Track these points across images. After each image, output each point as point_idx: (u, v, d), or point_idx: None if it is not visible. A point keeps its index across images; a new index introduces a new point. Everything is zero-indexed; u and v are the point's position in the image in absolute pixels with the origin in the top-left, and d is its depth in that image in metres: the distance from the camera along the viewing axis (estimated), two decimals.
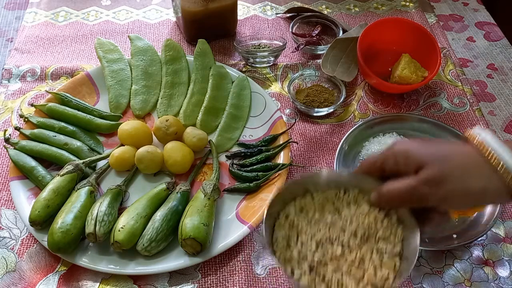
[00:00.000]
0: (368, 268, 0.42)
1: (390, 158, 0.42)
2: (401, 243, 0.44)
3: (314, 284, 0.41)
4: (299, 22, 0.83)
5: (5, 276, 0.52)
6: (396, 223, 0.44)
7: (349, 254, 0.42)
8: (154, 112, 0.68)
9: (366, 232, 0.44)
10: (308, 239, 0.44)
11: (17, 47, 0.78)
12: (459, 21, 0.89)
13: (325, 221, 0.45)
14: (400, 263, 0.42)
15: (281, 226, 0.45)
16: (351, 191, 0.47)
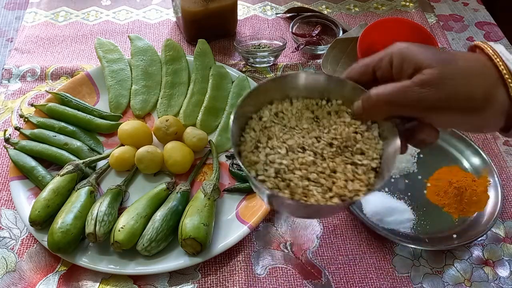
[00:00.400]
0: (338, 180, 0.38)
1: (385, 60, 0.37)
2: (379, 158, 0.40)
3: (278, 189, 0.38)
4: (299, 22, 0.83)
5: (5, 276, 0.52)
6: (377, 137, 0.41)
7: (320, 163, 0.39)
8: (154, 112, 0.68)
9: (343, 143, 0.40)
10: (279, 143, 0.40)
11: (17, 47, 0.78)
12: (459, 21, 0.89)
13: (301, 127, 0.41)
14: (375, 179, 0.39)
15: (252, 128, 0.41)
16: (334, 101, 0.43)
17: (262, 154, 0.39)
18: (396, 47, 0.37)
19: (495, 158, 0.65)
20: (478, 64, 0.35)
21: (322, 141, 0.40)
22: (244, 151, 0.40)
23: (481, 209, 0.58)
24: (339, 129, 0.41)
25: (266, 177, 0.38)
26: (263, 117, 0.42)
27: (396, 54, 0.37)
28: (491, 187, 0.59)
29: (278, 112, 0.42)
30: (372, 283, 0.53)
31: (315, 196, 0.37)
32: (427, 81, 0.34)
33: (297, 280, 0.52)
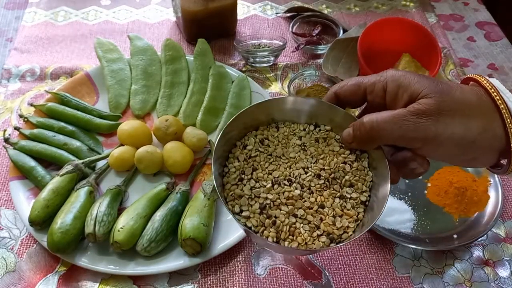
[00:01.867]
0: (327, 216, 0.37)
1: (378, 84, 0.36)
2: (369, 191, 0.38)
3: (264, 227, 0.36)
4: (299, 21, 0.83)
5: (4, 276, 0.52)
6: (366, 168, 0.39)
7: (308, 198, 0.37)
8: (153, 112, 0.68)
9: (331, 174, 0.38)
10: (265, 175, 0.38)
11: (16, 47, 0.78)
12: (460, 21, 0.89)
13: (287, 157, 0.39)
14: (364, 215, 0.37)
15: (236, 157, 0.40)
16: (323, 126, 0.41)
17: (246, 188, 0.38)
18: (391, 73, 0.36)
19: None
20: (475, 97, 0.34)
21: (309, 172, 0.38)
22: (228, 183, 0.38)
23: (482, 210, 0.58)
24: (328, 159, 0.39)
25: (251, 213, 0.37)
26: (248, 145, 0.40)
27: (391, 81, 0.35)
28: (491, 187, 0.59)
29: (264, 138, 0.41)
30: (372, 283, 0.53)
31: (302, 235, 0.36)
32: (424, 111, 0.33)
33: (297, 281, 0.52)
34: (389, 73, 0.36)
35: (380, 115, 0.35)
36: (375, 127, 0.35)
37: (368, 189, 0.39)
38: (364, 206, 0.38)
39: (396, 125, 0.34)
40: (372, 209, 0.37)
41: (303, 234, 0.36)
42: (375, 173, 0.39)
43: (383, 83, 0.36)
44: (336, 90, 0.39)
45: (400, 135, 0.34)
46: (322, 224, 0.36)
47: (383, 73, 0.37)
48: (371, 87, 0.37)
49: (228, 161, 0.40)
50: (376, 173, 0.39)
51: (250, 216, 0.36)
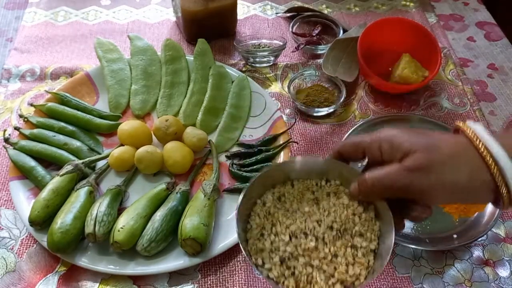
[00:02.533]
0: (340, 265, 0.40)
1: (374, 145, 0.40)
2: (377, 239, 0.42)
3: (284, 277, 0.40)
4: (299, 21, 0.83)
5: (4, 276, 0.52)
6: (373, 218, 0.43)
7: (322, 249, 0.41)
8: (153, 112, 0.68)
9: (342, 226, 0.42)
10: (283, 229, 0.42)
11: (16, 47, 0.78)
12: (460, 21, 0.89)
13: (302, 211, 0.44)
14: (374, 261, 0.41)
15: (257, 214, 0.44)
16: (333, 181, 0.45)
17: (267, 242, 0.41)
18: (384, 133, 0.40)
19: None
20: (460, 149, 0.37)
21: (322, 225, 0.42)
22: (251, 238, 0.42)
23: (482, 210, 0.58)
24: (338, 211, 0.43)
25: (272, 265, 0.40)
26: (267, 203, 0.44)
27: (385, 141, 0.39)
28: None
29: (281, 195, 0.45)
30: (372, 283, 0.53)
31: (319, 283, 0.39)
32: (416, 166, 0.37)
33: None
34: (382, 134, 0.40)
35: (379, 172, 0.39)
36: (376, 183, 0.39)
37: (376, 237, 0.42)
38: (374, 253, 0.42)
39: (393, 180, 0.38)
40: (381, 255, 0.41)
41: (319, 282, 0.39)
42: (381, 222, 0.42)
43: (378, 144, 0.40)
44: (339, 149, 0.43)
45: (398, 189, 0.38)
46: (336, 272, 0.40)
47: (378, 133, 0.41)
48: (368, 147, 0.41)
49: (251, 218, 0.44)
50: (382, 222, 0.42)
51: (272, 268, 0.40)
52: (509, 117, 0.72)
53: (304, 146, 0.66)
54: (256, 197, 0.45)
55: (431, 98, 0.73)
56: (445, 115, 0.71)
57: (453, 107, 0.72)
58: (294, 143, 0.66)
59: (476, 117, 0.71)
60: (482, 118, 0.71)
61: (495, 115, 0.72)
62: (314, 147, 0.66)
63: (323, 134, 0.68)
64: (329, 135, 0.68)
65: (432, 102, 0.73)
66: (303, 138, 0.67)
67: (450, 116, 0.71)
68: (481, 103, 0.73)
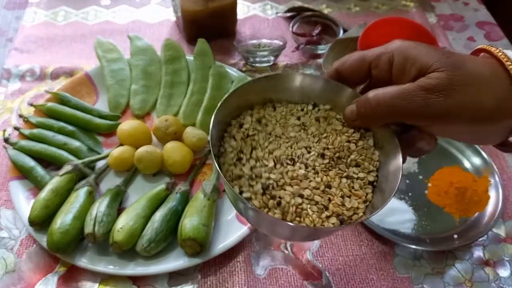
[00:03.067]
0: (335, 196, 0.35)
1: (384, 57, 0.34)
2: (377, 172, 0.36)
3: (268, 208, 0.34)
4: (299, 21, 0.83)
5: (4, 277, 0.52)
6: (372, 147, 0.37)
7: (313, 178, 0.35)
8: (153, 112, 0.68)
9: (336, 154, 0.36)
10: (265, 154, 0.36)
11: (16, 47, 0.78)
12: (460, 21, 0.89)
13: (287, 136, 0.37)
14: (373, 196, 0.35)
15: (232, 136, 0.37)
16: (322, 106, 0.39)
17: (246, 167, 0.35)
18: (398, 44, 0.34)
19: (496, 158, 0.64)
20: (488, 70, 0.31)
21: (312, 152, 0.36)
22: (225, 164, 0.36)
23: (482, 210, 0.58)
24: (330, 138, 0.37)
25: (252, 194, 0.34)
26: (245, 124, 0.38)
27: (398, 53, 0.33)
28: (492, 187, 0.59)
29: (261, 118, 0.38)
30: (372, 283, 0.52)
31: (310, 216, 0.33)
32: (435, 86, 0.30)
33: (297, 281, 0.52)
34: (395, 45, 0.34)
35: (387, 90, 0.32)
36: (382, 103, 0.32)
37: (375, 168, 0.36)
38: (372, 186, 0.36)
39: (405, 100, 0.31)
40: (381, 190, 0.35)
41: (311, 215, 0.33)
42: (382, 152, 0.37)
43: (389, 56, 0.33)
44: (338, 66, 0.36)
45: (409, 111, 0.31)
46: (331, 204, 0.34)
47: (388, 44, 0.34)
48: (376, 60, 0.34)
49: (224, 141, 0.37)
50: (383, 152, 0.36)
51: (252, 197, 0.34)
52: None
53: None
54: (230, 118, 0.38)
55: None
56: None
57: None
58: None
59: None
60: None
61: None
62: None
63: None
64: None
65: None
66: None
67: None
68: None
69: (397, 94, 0.32)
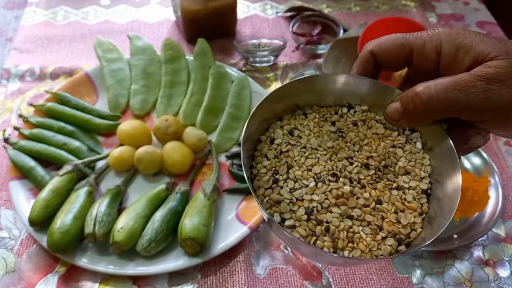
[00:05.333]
0: (387, 213, 0.31)
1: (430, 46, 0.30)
2: (429, 177, 0.33)
3: (315, 236, 0.30)
4: (299, 21, 0.83)
5: (4, 277, 0.52)
6: (421, 150, 0.33)
7: (360, 193, 0.31)
8: (153, 112, 0.68)
9: (382, 162, 0.32)
10: (304, 172, 0.32)
11: (16, 47, 0.78)
12: (460, 21, 0.89)
13: (325, 147, 0.33)
14: (429, 206, 0.31)
15: (264, 155, 0.33)
16: (358, 107, 0.35)
17: (284, 190, 0.31)
18: (445, 31, 0.30)
19: (495, 158, 0.64)
20: None
21: (355, 163, 0.33)
22: (260, 188, 0.32)
23: (482, 210, 0.58)
24: (373, 144, 0.33)
25: (296, 221, 0.30)
26: (276, 139, 0.34)
27: (447, 40, 0.29)
28: (492, 187, 0.59)
29: (293, 129, 0.34)
30: (372, 283, 0.52)
31: (364, 240, 0.30)
32: (496, 75, 0.27)
33: (297, 281, 0.52)
34: (442, 31, 0.30)
35: (440, 82, 0.28)
36: (435, 97, 0.28)
37: (427, 174, 0.32)
38: (426, 195, 0.32)
39: (462, 93, 0.27)
40: (438, 198, 0.31)
41: (364, 238, 0.30)
42: (432, 155, 0.33)
43: (436, 44, 0.30)
44: (373, 48, 0.33)
45: (467, 105, 0.28)
46: (385, 223, 0.30)
47: (433, 31, 0.31)
48: (421, 48, 0.30)
49: (255, 161, 0.33)
50: (432, 154, 0.33)
51: (296, 225, 0.30)
52: None
53: None
54: (259, 134, 0.34)
55: None
56: None
57: None
58: None
59: None
60: None
61: None
62: None
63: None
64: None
65: None
66: None
67: None
68: None
69: (453, 86, 0.28)
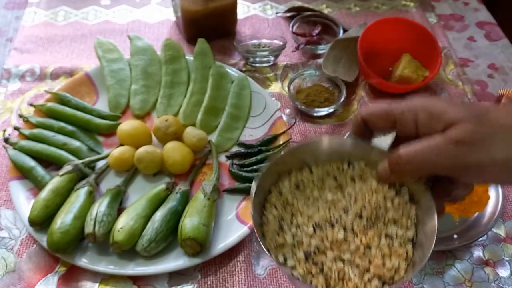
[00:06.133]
0: (375, 257, 0.36)
1: (408, 115, 0.34)
2: (415, 226, 0.37)
3: (311, 275, 0.35)
4: (299, 21, 0.83)
5: (4, 277, 0.52)
6: (408, 202, 0.38)
7: (353, 240, 0.36)
8: (153, 112, 0.68)
9: (373, 213, 0.37)
10: (305, 220, 0.38)
11: (16, 47, 0.78)
12: (460, 21, 0.89)
13: (325, 199, 0.39)
14: (413, 251, 0.36)
15: (273, 204, 0.39)
16: (357, 163, 0.40)
17: (288, 236, 0.37)
18: (420, 102, 0.34)
19: None
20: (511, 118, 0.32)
21: (350, 213, 0.38)
22: (268, 233, 0.37)
23: (482, 210, 0.58)
24: (367, 197, 0.38)
25: (296, 261, 0.36)
26: (284, 191, 0.40)
27: (422, 110, 0.34)
28: (491, 187, 0.59)
29: (299, 183, 0.40)
30: None
31: (353, 280, 0.35)
32: (463, 138, 0.31)
33: None
34: (418, 102, 0.35)
35: (417, 146, 0.33)
36: (414, 159, 0.33)
37: (413, 224, 0.37)
38: (412, 242, 0.37)
39: (436, 155, 0.32)
40: (421, 245, 0.36)
41: (353, 279, 0.35)
42: (418, 207, 0.38)
43: (413, 114, 0.34)
44: (364, 115, 0.37)
45: (441, 165, 0.33)
46: (372, 266, 0.35)
47: (410, 101, 0.35)
48: (400, 117, 0.35)
49: (266, 210, 0.39)
50: (418, 206, 0.38)
51: (296, 265, 0.36)
52: None
53: None
54: (269, 186, 0.40)
55: None
56: None
57: None
58: (294, 143, 0.66)
59: None
60: None
61: None
62: None
63: (323, 134, 0.68)
64: (329, 135, 0.68)
65: None
66: (303, 138, 0.67)
67: None
68: (481, 103, 0.73)
69: (427, 149, 0.32)
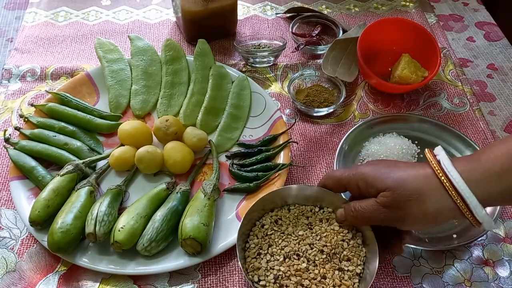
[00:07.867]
0: (328, 286, 0.45)
1: (353, 182, 0.46)
2: (363, 264, 0.47)
3: None
4: (299, 22, 0.83)
5: (5, 276, 0.52)
6: (361, 245, 0.48)
7: (313, 270, 0.46)
8: (154, 112, 0.68)
9: (332, 250, 0.47)
10: (278, 250, 0.48)
11: (17, 47, 0.78)
12: (459, 21, 0.89)
13: (297, 234, 0.49)
14: (359, 285, 0.46)
15: (255, 234, 0.49)
16: (326, 208, 0.51)
17: (263, 261, 0.47)
18: (360, 171, 0.45)
19: None
20: (426, 181, 0.42)
21: (314, 248, 0.48)
22: (249, 257, 0.48)
23: None
24: (329, 236, 0.48)
25: (267, 282, 0.46)
26: (265, 225, 0.50)
27: (360, 179, 0.45)
28: None
29: (278, 219, 0.50)
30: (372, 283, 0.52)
31: None
32: (385, 203, 0.42)
33: None
34: (358, 172, 0.46)
35: (360, 205, 0.45)
36: (360, 214, 0.45)
37: (362, 263, 0.48)
38: (359, 277, 0.47)
39: (371, 213, 0.44)
40: (365, 279, 0.46)
41: None
42: (368, 249, 0.48)
43: (356, 182, 0.46)
44: (324, 183, 0.50)
45: (377, 220, 0.44)
46: None
47: (355, 171, 0.46)
48: (348, 184, 0.47)
49: (250, 238, 0.50)
50: (368, 249, 0.48)
51: (266, 285, 0.45)
52: (509, 117, 0.72)
53: (304, 146, 0.66)
54: (255, 219, 0.51)
55: (430, 98, 0.74)
56: (444, 115, 0.71)
57: (452, 107, 0.72)
58: (294, 143, 0.66)
59: (475, 117, 0.71)
60: (481, 118, 0.71)
61: (495, 115, 0.72)
62: (313, 147, 0.66)
63: (323, 134, 0.68)
64: (329, 135, 0.68)
65: (431, 102, 0.73)
66: (303, 138, 0.67)
67: (450, 116, 0.71)
68: (480, 103, 0.74)
69: (367, 208, 0.44)
